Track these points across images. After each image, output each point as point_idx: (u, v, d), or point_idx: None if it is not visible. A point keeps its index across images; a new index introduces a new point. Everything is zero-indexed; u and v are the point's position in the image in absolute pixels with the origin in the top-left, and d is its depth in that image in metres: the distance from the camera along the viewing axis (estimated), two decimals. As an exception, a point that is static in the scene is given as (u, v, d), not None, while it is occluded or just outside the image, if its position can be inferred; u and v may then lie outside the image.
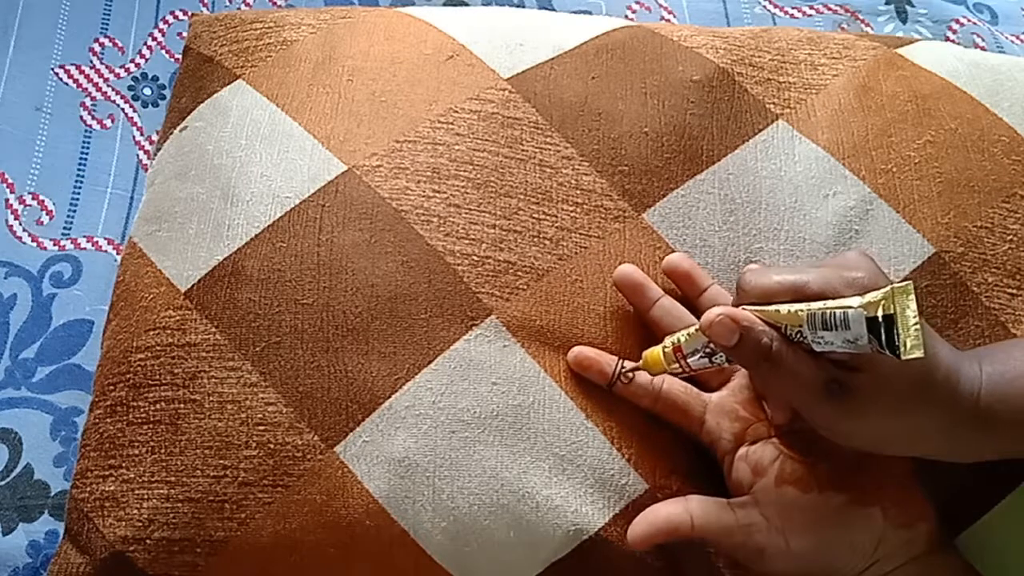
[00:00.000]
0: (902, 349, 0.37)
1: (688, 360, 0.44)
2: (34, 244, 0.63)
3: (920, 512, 0.44)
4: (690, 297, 0.51)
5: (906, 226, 0.53)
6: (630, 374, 0.48)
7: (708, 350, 0.43)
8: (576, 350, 0.49)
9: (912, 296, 0.37)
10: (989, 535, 0.48)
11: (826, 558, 0.43)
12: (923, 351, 0.36)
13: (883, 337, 0.37)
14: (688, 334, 0.44)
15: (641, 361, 0.47)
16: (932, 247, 0.53)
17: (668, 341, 0.45)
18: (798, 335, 0.40)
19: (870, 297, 0.37)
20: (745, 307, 0.42)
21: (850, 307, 0.38)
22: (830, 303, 0.39)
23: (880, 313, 0.37)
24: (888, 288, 0.37)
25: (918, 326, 0.37)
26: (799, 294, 0.41)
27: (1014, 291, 0.53)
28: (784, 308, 0.41)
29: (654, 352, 0.46)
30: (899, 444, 0.42)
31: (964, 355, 0.43)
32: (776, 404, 0.46)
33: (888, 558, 0.43)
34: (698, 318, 0.50)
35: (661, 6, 0.76)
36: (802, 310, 0.40)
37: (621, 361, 0.48)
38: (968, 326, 0.52)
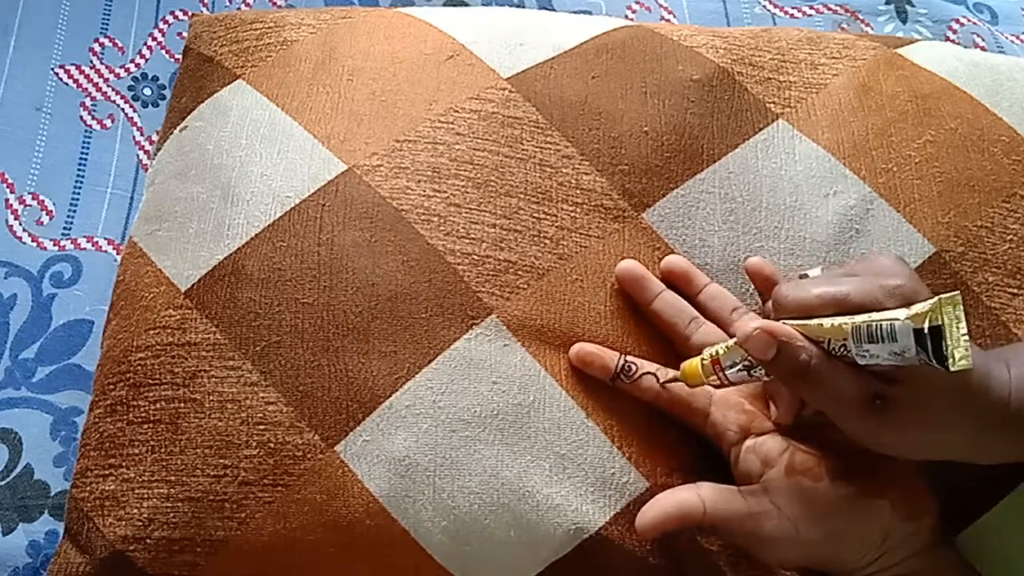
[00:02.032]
0: (951, 361, 0.36)
1: (726, 372, 0.44)
2: (34, 244, 0.63)
3: (925, 506, 0.44)
4: (689, 296, 0.51)
5: (906, 225, 0.53)
6: (632, 366, 0.48)
7: (747, 363, 0.43)
8: (578, 346, 0.49)
9: (960, 307, 0.37)
10: (988, 535, 0.48)
11: (834, 548, 0.44)
12: (971, 362, 0.36)
13: (930, 349, 0.36)
14: (727, 346, 0.44)
15: (680, 372, 0.46)
16: (932, 246, 0.53)
17: (706, 353, 0.45)
18: (841, 348, 0.40)
19: (917, 308, 0.37)
20: (785, 321, 0.42)
21: (897, 319, 0.37)
22: (875, 315, 0.38)
23: (927, 325, 0.36)
24: (936, 299, 0.37)
25: (967, 337, 0.36)
26: (841, 307, 0.40)
27: (1015, 290, 0.53)
28: (827, 321, 0.40)
29: (692, 364, 0.45)
30: (934, 451, 0.42)
31: (991, 356, 0.43)
32: (784, 405, 0.46)
33: (893, 551, 0.43)
34: (699, 313, 0.50)
35: (661, 6, 0.76)
36: (846, 323, 0.39)
37: (623, 356, 0.48)
38: (969, 326, 0.51)
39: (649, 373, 0.48)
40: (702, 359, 0.45)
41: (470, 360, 0.48)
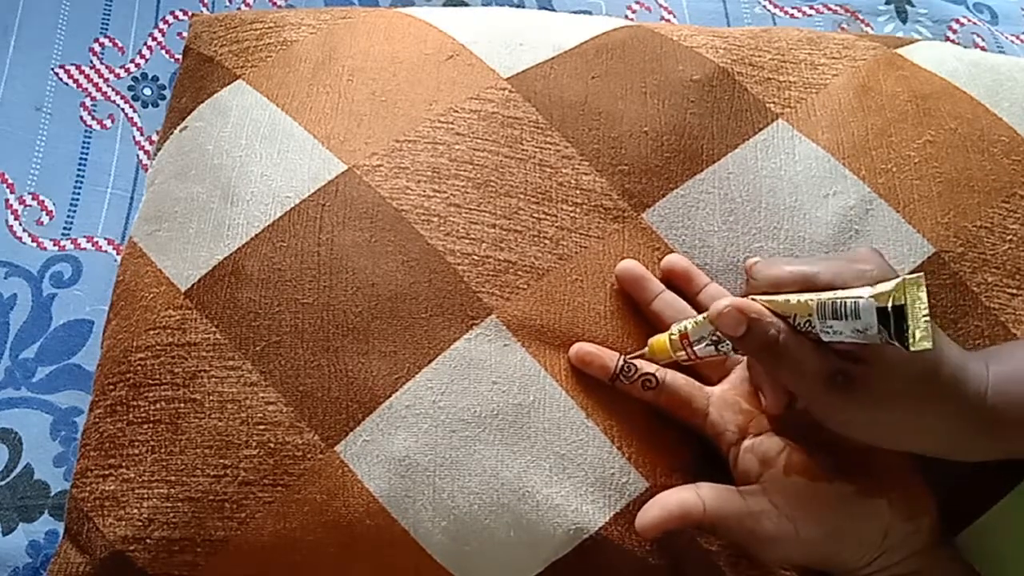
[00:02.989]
0: (911, 340, 0.37)
1: (694, 348, 0.45)
2: (34, 244, 0.63)
3: (924, 506, 0.44)
4: (689, 295, 0.51)
5: (906, 226, 0.53)
6: (631, 367, 0.48)
7: (715, 338, 0.44)
8: (577, 346, 0.49)
9: (923, 288, 0.37)
10: (988, 535, 0.48)
11: (834, 547, 0.44)
12: (932, 343, 0.37)
13: (892, 327, 0.37)
14: (695, 322, 0.45)
15: (647, 349, 0.47)
16: (932, 247, 0.53)
17: (675, 328, 0.46)
18: (807, 324, 0.41)
19: (881, 288, 0.38)
20: (754, 297, 0.42)
21: (861, 297, 0.38)
22: (840, 292, 0.39)
23: (890, 303, 0.37)
24: (899, 279, 0.37)
25: (928, 318, 0.37)
26: (809, 284, 0.41)
27: (1014, 291, 0.53)
28: (794, 298, 0.41)
29: (660, 339, 0.46)
30: (901, 438, 0.42)
31: (971, 355, 0.43)
32: (772, 393, 0.46)
33: (893, 550, 0.43)
34: (699, 314, 0.50)
35: (661, 6, 0.76)
36: (812, 299, 0.40)
37: (623, 356, 0.48)
38: (968, 326, 0.52)
39: (649, 374, 0.48)
40: (670, 334, 0.46)
41: (470, 360, 0.49)
